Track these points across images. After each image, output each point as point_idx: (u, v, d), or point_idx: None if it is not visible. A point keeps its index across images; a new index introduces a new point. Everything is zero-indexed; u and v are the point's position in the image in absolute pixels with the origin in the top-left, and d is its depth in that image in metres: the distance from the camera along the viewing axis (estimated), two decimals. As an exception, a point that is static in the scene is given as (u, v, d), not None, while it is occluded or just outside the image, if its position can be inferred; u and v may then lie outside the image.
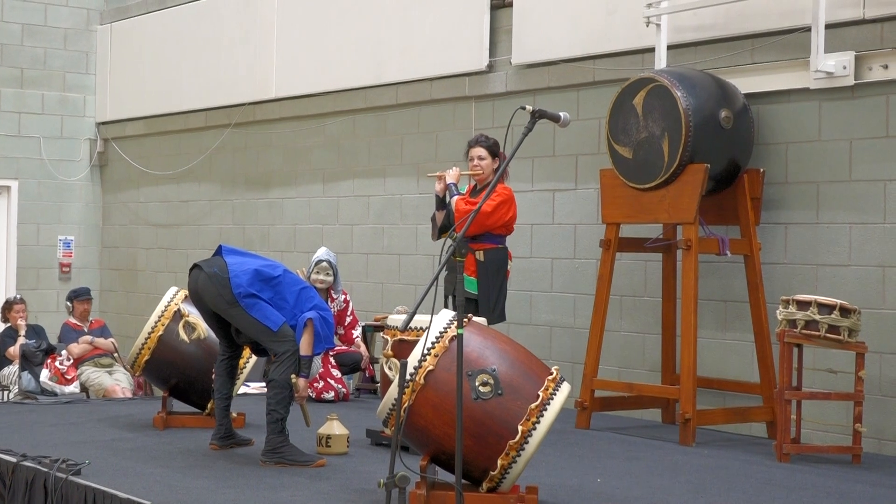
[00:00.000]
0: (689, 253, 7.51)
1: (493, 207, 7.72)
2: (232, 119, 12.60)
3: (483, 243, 7.78)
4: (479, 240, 7.76)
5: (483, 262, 7.78)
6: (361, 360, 9.46)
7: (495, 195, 7.75)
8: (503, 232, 7.90)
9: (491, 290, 7.78)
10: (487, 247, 7.81)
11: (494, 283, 7.81)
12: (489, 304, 7.74)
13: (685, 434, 7.42)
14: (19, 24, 14.10)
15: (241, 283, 6.50)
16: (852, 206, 7.55)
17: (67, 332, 10.71)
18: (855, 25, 7.50)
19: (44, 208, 14.29)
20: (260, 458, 6.41)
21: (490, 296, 7.78)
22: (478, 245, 7.76)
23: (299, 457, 6.37)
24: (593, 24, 8.99)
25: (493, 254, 7.83)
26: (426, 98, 10.49)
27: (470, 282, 7.68)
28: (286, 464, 6.33)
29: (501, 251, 7.89)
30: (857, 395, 6.91)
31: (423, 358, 5.24)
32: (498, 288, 7.84)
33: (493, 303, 7.79)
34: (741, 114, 7.74)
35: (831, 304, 6.80)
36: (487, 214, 7.67)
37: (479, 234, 7.74)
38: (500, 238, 7.88)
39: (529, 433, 5.12)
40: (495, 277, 7.82)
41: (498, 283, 7.84)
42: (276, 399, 6.39)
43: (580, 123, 8.97)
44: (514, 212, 7.90)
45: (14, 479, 6.20)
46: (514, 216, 7.93)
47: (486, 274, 7.78)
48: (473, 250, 7.73)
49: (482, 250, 7.77)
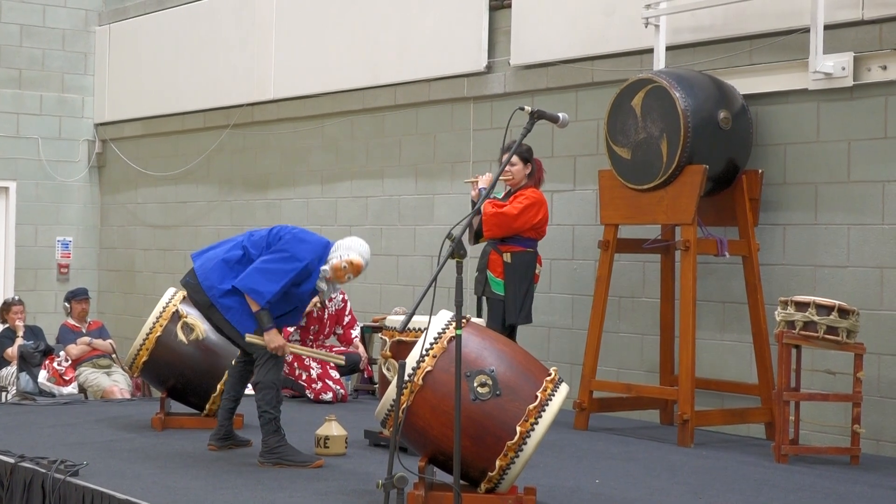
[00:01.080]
0: (687, 254, 7.51)
1: (520, 210, 7.93)
2: (230, 120, 12.60)
3: (512, 245, 7.99)
4: (507, 242, 7.99)
5: (510, 263, 7.98)
6: (360, 360, 9.46)
7: (523, 198, 7.97)
8: (533, 235, 8.06)
9: (518, 291, 7.95)
10: (515, 249, 8.00)
11: (521, 285, 7.98)
12: (516, 306, 7.94)
13: (683, 435, 7.42)
14: (17, 25, 14.10)
15: (213, 282, 6.48)
16: (851, 207, 7.55)
17: (65, 334, 10.71)
18: (854, 26, 7.49)
19: (42, 209, 14.28)
20: (258, 460, 6.40)
21: (517, 297, 7.95)
22: (506, 247, 7.99)
23: (297, 457, 6.37)
24: (592, 25, 8.99)
25: (521, 256, 8.01)
26: (424, 99, 10.49)
27: (497, 283, 7.92)
28: (284, 464, 6.33)
29: (530, 254, 8.06)
30: (855, 397, 6.91)
31: (421, 359, 5.24)
32: (525, 290, 8.00)
33: (520, 304, 7.95)
34: (740, 115, 7.74)
35: (830, 305, 6.80)
36: (514, 217, 7.90)
37: (509, 237, 7.95)
38: (529, 241, 8.05)
39: (528, 434, 5.12)
40: (522, 279, 7.99)
41: (525, 286, 8.01)
42: (265, 400, 6.39)
43: (579, 124, 8.97)
44: (543, 215, 8.04)
45: (12, 479, 6.20)
46: (545, 219, 8.09)
47: (514, 275, 7.96)
48: (502, 252, 7.96)
49: (510, 252, 7.99)
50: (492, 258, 8.02)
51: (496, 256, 8.01)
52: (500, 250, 7.99)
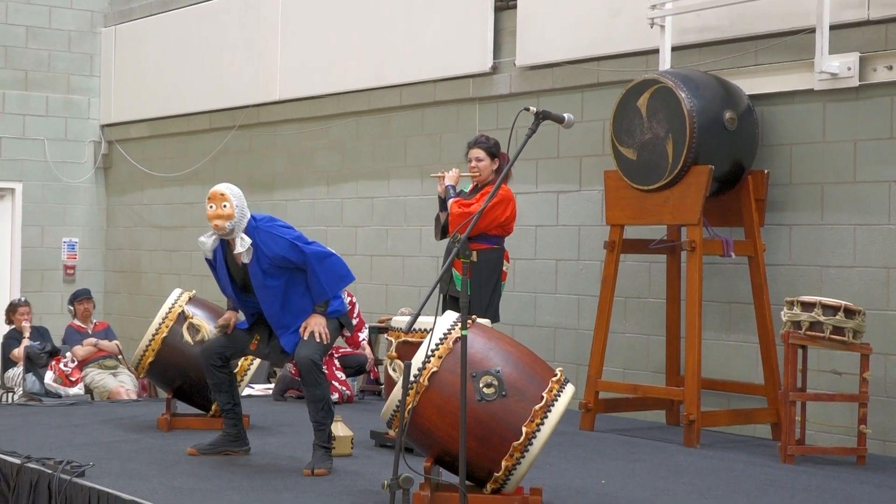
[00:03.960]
0: (693, 254, 7.50)
1: (488, 208, 7.62)
2: (236, 121, 12.61)
3: (478, 243, 7.59)
4: (473, 240, 7.55)
5: (476, 262, 7.63)
6: (366, 362, 9.46)
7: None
8: (499, 233, 7.75)
9: (483, 290, 7.64)
10: (482, 247, 7.62)
11: (487, 284, 7.68)
12: (482, 305, 7.60)
13: (689, 436, 7.41)
14: (23, 27, 14.12)
15: None
16: (857, 208, 7.55)
17: (72, 334, 10.72)
18: (859, 27, 7.49)
19: (48, 210, 14.31)
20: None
21: (483, 296, 7.65)
22: (473, 245, 7.63)
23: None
24: (597, 26, 8.98)
25: (487, 254, 7.68)
26: (430, 100, 10.49)
27: (461, 280, 7.58)
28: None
29: (497, 251, 7.74)
30: (861, 397, 6.90)
31: (427, 359, 5.24)
32: (491, 289, 7.71)
33: (486, 303, 7.67)
34: (745, 115, 7.73)
35: (836, 305, 6.79)
36: (481, 215, 7.57)
37: (475, 235, 7.58)
38: (496, 239, 7.73)
39: (533, 435, 5.12)
40: (488, 278, 7.68)
41: (491, 284, 7.70)
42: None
43: (584, 125, 8.97)
44: (511, 212, 7.74)
45: (18, 480, 6.21)
46: (512, 217, 7.78)
47: (479, 274, 7.59)
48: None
49: (476, 250, 7.61)
50: None
51: None
52: None
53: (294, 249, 6.30)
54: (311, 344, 6.27)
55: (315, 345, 6.28)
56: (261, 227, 6.38)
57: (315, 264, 6.29)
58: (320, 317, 6.35)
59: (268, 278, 6.33)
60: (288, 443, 7.18)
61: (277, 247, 6.30)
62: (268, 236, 6.34)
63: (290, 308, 6.40)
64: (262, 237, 6.34)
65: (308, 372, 6.23)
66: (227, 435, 6.73)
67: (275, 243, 6.31)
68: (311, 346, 6.26)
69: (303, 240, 6.37)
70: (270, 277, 6.33)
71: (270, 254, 6.29)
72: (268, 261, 6.30)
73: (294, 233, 6.42)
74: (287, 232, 6.39)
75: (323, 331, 6.31)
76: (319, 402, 6.26)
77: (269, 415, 8.32)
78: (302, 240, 6.37)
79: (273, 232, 6.36)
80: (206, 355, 6.65)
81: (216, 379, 6.64)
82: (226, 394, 6.67)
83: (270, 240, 6.32)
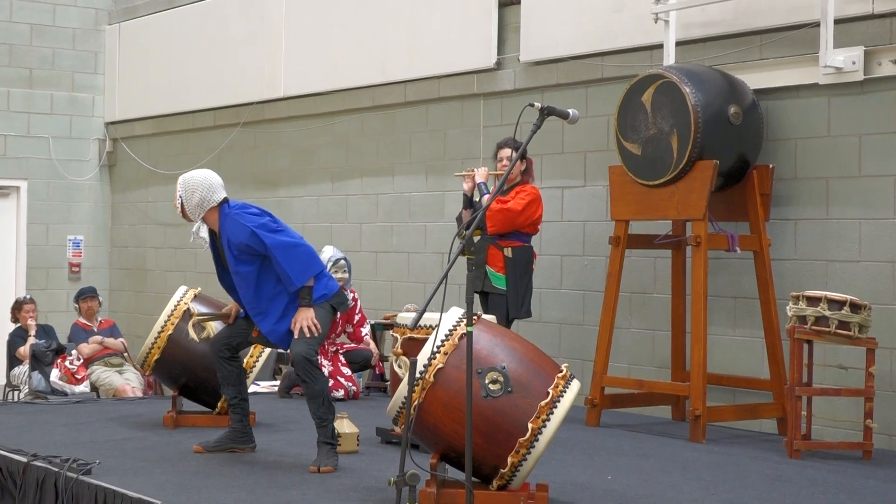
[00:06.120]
0: (698, 249, 7.49)
1: (523, 206, 8.04)
2: (240, 118, 12.61)
3: (512, 241, 8.08)
4: (508, 237, 8.08)
5: (511, 258, 8.06)
6: (371, 357, 9.47)
7: (525, 194, 8.05)
8: (530, 231, 8.18)
9: (519, 286, 8.05)
10: (516, 244, 8.10)
11: (522, 280, 8.09)
12: (518, 300, 8.04)
13: (695, 431, 7.41)
14: (28, 25, 14.13)
15: None
16: (862, 202, 7.53)
17: (77, 332, 10.72)
18: (864, 20, 7.48)
19: (53, 208, 14.32)
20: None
21: (518, 292, 8.05)
22: (506, 242, 8.08)
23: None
24: (601, 21, 8.98)
25: (521, 251, 8.11)
26: (434, 96, 10.49)
27: (498, 277, 7.99)
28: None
29: (528, 249, 8.18)
30: (867, 391, 6.89)
31: (432, 356, 5.23)
32: (525, 284, 8.11)
33: (521, 299, 8.05)
34: (750, 110, 7.72)
35: (841, 299, 6.78)
36: (518, 213, 8.03)
37: (509, 232, 8.04)
38: (527, 237, 8.17)
39: (539, 431, 5.11)
40: (523, 274, 8.11)
41: (525, 280, 8.12)
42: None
43: (589, 120, 8.97)
44: (541, 211, 8.18)
45: (25, 478, 6.21)
46: (541, 216, 8.20)
47: (515, 270, 8.06)
48: (502, 247, 8.05)
49: (511, 247, 8.08)
50: (491, 253, 8.05)
51: (496, 251, 8.05)
52: (500, 245, 8.06)
53: (254, 238, 6.25)
54: (302, 340, 6.27)
55: (306, 341, 6.25)
56: (230, 214, 6.38)
57: (277, 254, 6.23)
58: (306, 309, 6.29)
59: (240, 265, 6.34)
60: (294, 440, 7.18)
61: (241, 234, 6.28)
62: (233, 223, 6.33)
63: (264, 294, 6.37)
64: (229, 224, 6.35)
65: (302, 369, 6.23)
66: (233, 431, 6.73)
67: (239, 230, 6.30)
68: (303, 343, 6.25)
69: (267, 227, 6.29)
70: (242, 264, 6.34)
71: (236, 241, 6.30)
72: (236, 247, 6.32)
73: (259, 220, 6.33)
74: (252, 220, 6.32)
75: (311, 324, 6.28)
76: (318, 397, 6.26)
77: (274, 412, 8.32)
78: (266, 227, 6.28)
79: (238, 219, 6.33)
80: (214, 348, 6.70)
81: (225, 371, 6.66)
82: (234, 387, 6.68)
83: (236, 227, 6.32)
